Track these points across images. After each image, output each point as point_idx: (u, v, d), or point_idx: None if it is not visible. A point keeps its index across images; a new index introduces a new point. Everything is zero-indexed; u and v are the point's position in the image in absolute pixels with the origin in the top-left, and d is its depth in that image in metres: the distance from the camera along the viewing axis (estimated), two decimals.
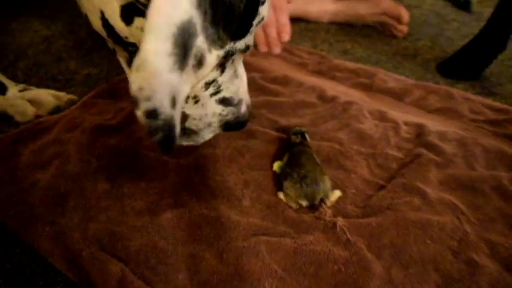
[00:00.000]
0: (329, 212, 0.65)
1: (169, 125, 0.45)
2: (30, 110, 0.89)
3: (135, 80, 0.42)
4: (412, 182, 0.70)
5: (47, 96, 0.92)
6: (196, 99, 0.60)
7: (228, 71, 0.59)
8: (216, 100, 0.61)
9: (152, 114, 0.43)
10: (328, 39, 1.23)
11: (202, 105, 0.60)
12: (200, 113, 0.61)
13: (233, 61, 0.59)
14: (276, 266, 0.56)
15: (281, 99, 0.91)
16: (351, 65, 1.06)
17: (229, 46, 0.50)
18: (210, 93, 0.60)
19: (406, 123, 0.86)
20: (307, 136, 0.75)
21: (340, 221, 0.63)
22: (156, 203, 0.67)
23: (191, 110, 0.61)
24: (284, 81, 0.97)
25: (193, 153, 0.76)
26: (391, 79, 1.01)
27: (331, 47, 1.19)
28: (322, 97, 0.92)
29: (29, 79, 1.01)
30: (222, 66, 0.58)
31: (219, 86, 0.60)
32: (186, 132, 0.63)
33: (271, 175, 0.72)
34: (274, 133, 0.81)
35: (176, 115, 0.46)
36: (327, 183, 0.67)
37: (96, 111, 0.87)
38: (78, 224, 0.62)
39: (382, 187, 0.71)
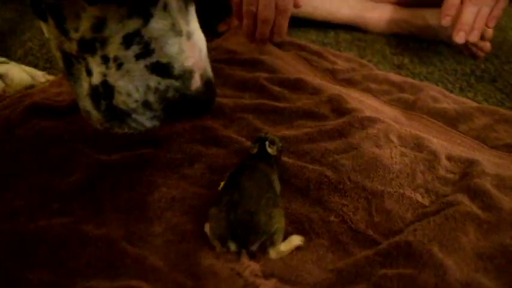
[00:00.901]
0: (255, 268, 0.40)
1: None
2: None
3: None
4: (425, 247, 0.42)
5: (21, 72, 0.79)
6: (118, 62, 0.41)
7: (159, 21, 0.41)
8: (146, 66, 0.42)
9: None
10: (382, 51, 0.97)
11: (128, 72, 0.42)
12: (127, 86, 0.42)
13: (166, 5, 0.40)
14: None
15: (281, 105, 0.68)
16: (396, 77, 0.79)
17: None
18: (135, 53, 0.41)
19: (449, 158, 0.57)
20: (271, 148, 0.50)
21: (267, 286, 0.37)
22: (41, 204, 0.48)
23: (114, 78, 0.42)
24: (295, 85, 0.74)
25: (128, 149, 0.56)
26: (446, 99, 0.72)
27: (384, 59, 0.93)
28: (338, 109, 0.67)
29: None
30: (144, 10, 0.39)
31: (147, 44, 0.41)
32: (117, 113, 0.44)
33: (213, 197, 0.49)
34: (248, 143, 0.58)
35: None
36: (277, 221, 0.43)
37: (55, 92, 0.71)
38: None
39: (372, 245, 0.44)
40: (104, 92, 0.43)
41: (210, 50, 0.84)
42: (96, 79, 0.42)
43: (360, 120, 0.63)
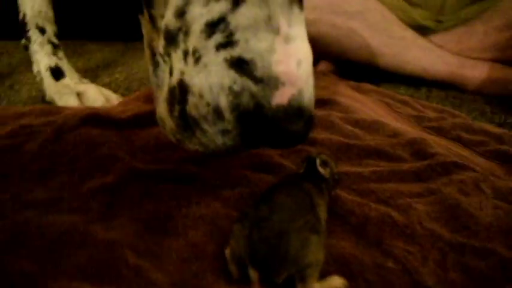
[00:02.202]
0: None
1: None
2: (73, 102, 0.79)
3: None
4: None
5: (97, 93, 0.81)
6: (197, 55, 0.35)
7: (252, 9, 0.34)
8: (225, 60, 0.34)
9: None
10: (481, 109, 0.85)
11: (205, 67, 0.35)
12: (202, 84, 0.35)
13: None
14: None
15: (349, 142, 0.59)
16: (494, 128, 0.67)
17: None
18: (216, 43, 0.34)
19: None
20: (323, 168, 0.41)
21: None
22: (61, 200, 0.43)
23: (190, 76, 0.36)
24: (371, 126, 0.65)
25: (171, 163, 0.51)
26: None
27: (482, 117, 0.80)
28: (419, 153, 0.56)
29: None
30: None
31: (231, 34, 0.34)
32: (189, 122, 0.37)
33: None
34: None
35: None
36: (313, 252, 0.33)
37: (119, 110, 0.71)
38: None
39: None
40: (179, 95, 0.37)
41: None
42: (174, 79, 0.37)
43: (443, 165, 0.52)
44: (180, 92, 0.36)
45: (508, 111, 0.84)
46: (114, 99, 0.82)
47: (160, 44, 0.38)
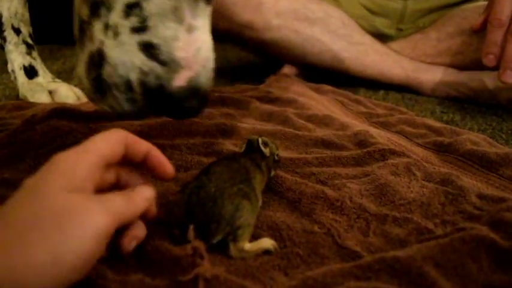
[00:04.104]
0: (200, 246, 0.34)
1: None
2: (45, 99, 0.83)
3: None
4: (416, 264, 0.34)
5: (68, 91, 0.85)
6: (115, 31, 0.42)
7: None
8: (137, 43, 0.41)
9: None
10: (432, 109, 0.91)
11: (121, 45, 0.42)
12: (117, 58, 0.42)
13: None
14: None
15: (299, 133, 0.64)
16: (435, 123, 0.72)
17: None
18: (132, 25, 0.41)
19: (481, 196, 0.49)
20: (265, 149, 0.46)
21: (204, 268, 0.32)
22: None
23: (109, 48, 0.42)
24: (322, 120, 0.70)
25: None
26: (488, 144, 0.64)
27: (431, 116, 0.86)
28: (361, 143, 0.61)
29: None
30: None
31: (144, 19, 0.41)
32: (103, 86, 0.44)
33: None
34: None
35: None
36: (245, 215, 0.38)
37: (88, 106, 0.75)
38: None
39: (353, 259, 0.37)
40: (97, 61, 0.43)
41: (248, 90, 0.84)
42: (94, 46, 0.43)
43: (380, 151, 0.57)
44: (98, 59, 0.42)
45: (457, 111, 0.90)
46: (85, 97, 0.86)
47: (85, 14, 0.43)
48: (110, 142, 0.35)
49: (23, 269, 0.25)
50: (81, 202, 0.29)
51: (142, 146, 0.37)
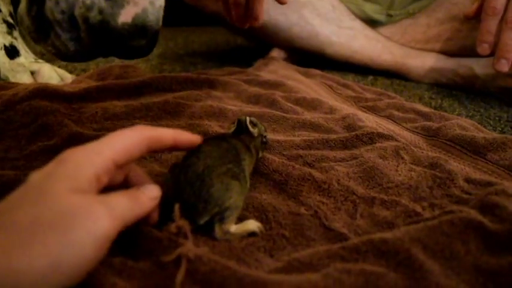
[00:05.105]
0: (185, 226, 0.34)
1: None
2: (26, 80, 0.80)
3: None
4: (404, 246, 0.34)
5: (51, 71, 0.83)
6: None
7: None
8: None
9: None
10: (421, 95, 0.91)
11: None
12: None
13: None
14: None
15: (287, 115, 0.63)
16: (425, 108, 0.72)
17: None
18: None
19: (468, 180, 0.48)
20: (253, 129, 0.45)
21: (187, 248, 0.31)
22: (9, 159, 0.46)
23: None
24: (310, 104, 0.69)
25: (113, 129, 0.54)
26: (476, 129, 0.63)
27: (420, 101, 0.86)
28: (349, 126, 0.61)
29: None
30: None
31: None
32: (45, 23, 0.41)
33: None
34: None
35: None
36: (233, 197, 0.37)
37: (71, 86, 0.73)
38: None
39: (339, 241, 0.37)
40: None
41: (236, 72, 0.82)
42: None
43: (368, 135, 0.57)
44: None
45: (445, 97, 0.90)
46: (69, 78, 0.84)
47: None
48: (127, 144, 0.32)
49: (21, 272, 0.24)
50: (85, 205, 0.28)
51: (168, 142, 0.36)
